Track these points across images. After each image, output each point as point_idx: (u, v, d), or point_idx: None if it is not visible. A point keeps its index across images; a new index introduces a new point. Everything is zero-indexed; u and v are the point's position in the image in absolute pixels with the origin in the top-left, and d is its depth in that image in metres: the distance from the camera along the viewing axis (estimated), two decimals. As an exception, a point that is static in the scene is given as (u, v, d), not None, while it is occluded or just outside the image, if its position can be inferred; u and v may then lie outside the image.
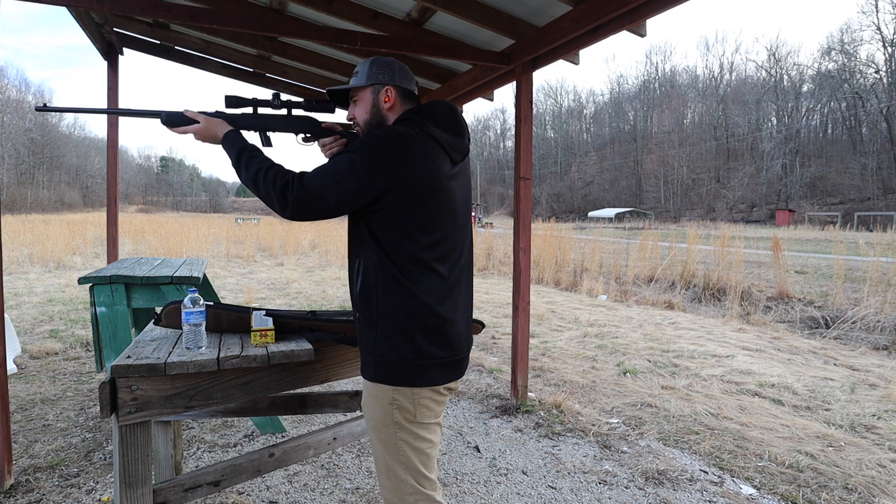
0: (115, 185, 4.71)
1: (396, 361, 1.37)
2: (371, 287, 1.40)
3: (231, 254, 15.25)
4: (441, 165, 1.41)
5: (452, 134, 1.46)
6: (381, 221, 1.38)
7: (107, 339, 2.78)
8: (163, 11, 2.92)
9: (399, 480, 1.40)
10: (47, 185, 72.36)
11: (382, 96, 1.50)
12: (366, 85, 1.50)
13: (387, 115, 1.51)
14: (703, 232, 13.77)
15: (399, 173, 1.34)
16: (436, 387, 1.41)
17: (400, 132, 1.37)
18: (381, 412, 1.40)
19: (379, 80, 1.49)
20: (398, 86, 1.50)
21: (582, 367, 4.67)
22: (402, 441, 1.39)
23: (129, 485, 1.43)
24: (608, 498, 2.50)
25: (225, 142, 1.53)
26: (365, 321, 1.42)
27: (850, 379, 4.37)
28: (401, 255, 1.37)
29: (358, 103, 1.53)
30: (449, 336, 1.43)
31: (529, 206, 3.73)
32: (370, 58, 1.53)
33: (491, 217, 61.09)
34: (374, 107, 1.50)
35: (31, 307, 7.05)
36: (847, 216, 40.95)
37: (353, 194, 1.34)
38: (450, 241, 1.44)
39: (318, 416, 3.40)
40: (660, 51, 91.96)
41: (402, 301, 1.37)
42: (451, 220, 1.44)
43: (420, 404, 1.39)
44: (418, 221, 1.37)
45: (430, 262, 1.40)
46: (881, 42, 53.13)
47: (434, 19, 3.66)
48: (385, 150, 1.34)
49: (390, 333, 1.38)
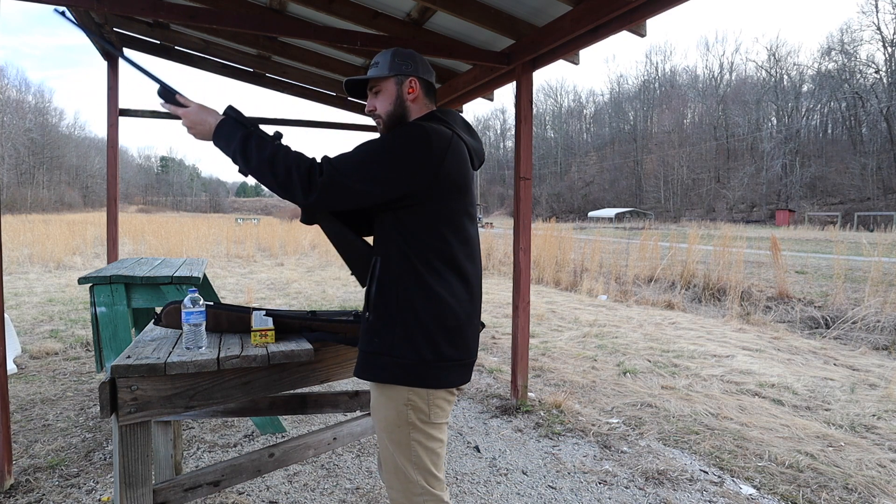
0: (115, 185, 4.70)
1: (416, 363, 1.34)
2: (390, 285, 1.36)
3: (231, 254, 15.25)
4: (469, 168, 1.43)
5: (475, 139, 1.49)
6: (410, 217, 1.35)
7: (107, 339, 2.78)
8: (163, 11, 2.92)
9: (409, 481, 1.38)
10: (47, 185, 72.35)
11: (406, 87, 1.45)
12: (388, 75, 1.45)
13: (410, 106, 1.47)
14: (703, 232, 13.75)
15: (437, 171, 1.32)
16: (450, 388, 1.41)
17: (439, 131, 1.35)
18: (395, 413, 1.37)
19: (402, 71, 1.45)
20: (421, 77, 1.47)
21: (582, 367, 4.67)
22: (416, 441, 1.37)
23: (129, 485, 1.43)
24: (608, 498, 2.50)
25: (222, 129, 1.38)
26: (380, 321, 1.36)
27: (850, 379, 4.37)
28: (429, 253, 1.35)
29: (380, 94, 1.48)
30: (467, 338, 1.42)
31: (529, 206, 3.73)
32: (390, 48, 1.49)
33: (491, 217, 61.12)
34: (398, 98, 1.46)
35: (31, 307, 7.05)
36: (847, 216, 40.96)
37: (386, 185, 1.30)
38: (472, 242, 1.45)
39: (318, 416, 3.40)
40: (660, 51, 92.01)
41: (425, 300, 1.34)
42: (472, 222, 1.45)
43: (434, 405, 1.38)
44: (449, 220, 1.37)
45: (457, 261, 1.39)
46: (881, 42, 53.15)
47: (434, 19, 3.66)
48: (427, 146, 1.32)
49: (411, 334, 1.33)
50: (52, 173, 74.49)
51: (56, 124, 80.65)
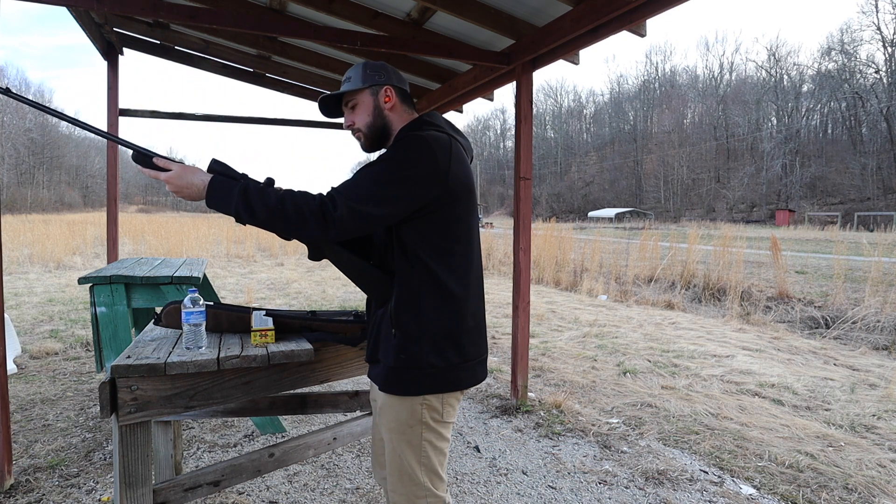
0: (115, 185, 4.71)
1: (444, 369, 1.34)
2: (412, 300, 1.34)
3: (231, 254, 15.25)
4: (469, 166, 1.45)
5: (462, 137, 1.50)
6: (427, 227, 1.34)
7: (107, 339, 2.78)
8: (163, 11, 2.92)
9: (414, 484, 1.37)
10: (47, 185, 72.37)
11: (382, 97, 1.45)
12: (363, 87, 1.45)
13: (389, 115, 1.46)
14: (703, 232, 13.76)
15: (446, 178, 1.33)
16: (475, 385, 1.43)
17: (438, 138, 1.35)
18: (408, 413, 1.36)
19: (376, 81, 1.45)
20: (395, 85, 1.47)
21: (582, 367, 4.67)
22: (427, 441, 1.37)
23: (129, 485, 1.43)
24: (608, 498, 2.50)
25: (214, 188, 1.29)
26: (404, 337, 1.33)
27: (850, 379, 4.37)
28: (447, 256, 1.35)
29: (356, 108, 1.47)
30: (483, 333, 1.45)
31: (529, 206, 3.73)
32: (359, 63, 1.48)
33: (491, 217, 61.12)
34: (376, 108, 1.45)
35: (31, 307, 7.05)
36: (847, 216, 40.96)
37: (402, 203, 1.29)
38: (478, 236, 1.48)
39: (318, 416, 3.40)
40: (660, 51, 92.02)
41: (449, 307, 1.35)
42: (477, 219, 1.46)
43: (448, 404, 1.39)
44: (460, 221, 1.38)
45: (470, 258, 1.41)
46: (881, 42, 53.18)
47: (434, 19, 3.66)
48: (432, 156, 1.31)
49: (438, 343, 1.33)
50: (52, 173, 74.53)
51: (56, 124, 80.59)
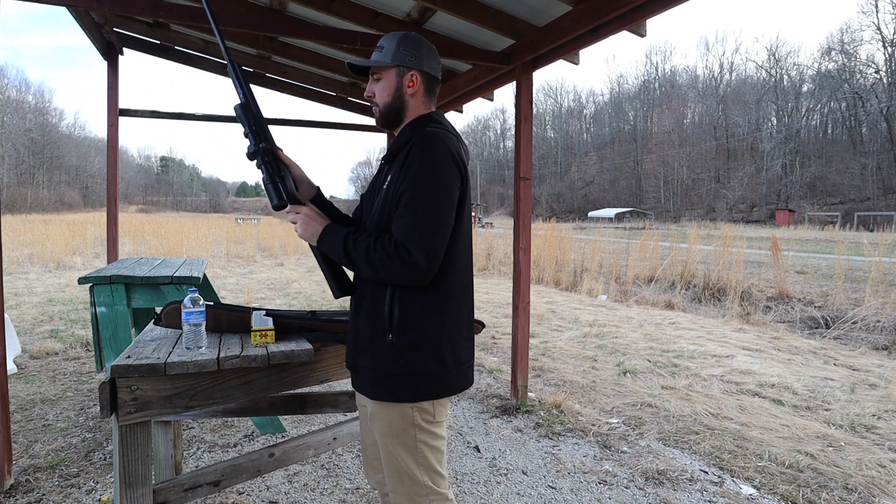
0: (115, 185, 4.71)
1: (439, 374, 1.33)
2: (412, 308, 1.31)
3: (231, 254, 15.26)
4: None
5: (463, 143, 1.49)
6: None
7: (107, 339, 2.78)
8: (163, 11, 2.92)
9: (414, 483, 1.37)
10: (47, 185, 72.36)
11: (407, 80, 1.39)
12: (391, 65, 1.38)
13: (409, 101, 1.41)
14: (703, 232, 13.76)
15: (465, 176, 1.35)
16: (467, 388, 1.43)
17: (450, 139, 1.33)
18: (399, 417, 1.34)
19: (405, 63, 1.38)
20: (424, 72, 1.40)
21: (582, 367, 4.67)
22: (421, 442, 1.37)
23: (129, 485, 1.43)
24: (608, 498, 2.50)
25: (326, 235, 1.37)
26: (404, 345, 1.31)
27: (850, 379, 4.37)
28: (453, 260, 1.34)
29: (380, 82, 1.42)
30: (473, 338, 1.45)
31: (529, 206, 3.73)
32: (398, 33, 1.40)
33: (491, 217, 61.11)
34: (398, 90, 1.40)
35: (31, 307, 7.05)
36: (847, 216, 40.92)
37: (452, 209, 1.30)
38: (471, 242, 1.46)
39: (318, 416, 3.40)
40: (660, 51, 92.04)
41: (448, 313, 1.34)
42: (469, 222, 1.44)
43: (439, 404, 1.38)
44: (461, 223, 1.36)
45: (467, 263, 1.41)
46: (881, 42, 53.15)
47: (434, 19, 3.66)
48: (454, 160, 1.31)
49: (438, 349, 1.32)
50: (52, 173, 74.51)
51: (56, 124, 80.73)
